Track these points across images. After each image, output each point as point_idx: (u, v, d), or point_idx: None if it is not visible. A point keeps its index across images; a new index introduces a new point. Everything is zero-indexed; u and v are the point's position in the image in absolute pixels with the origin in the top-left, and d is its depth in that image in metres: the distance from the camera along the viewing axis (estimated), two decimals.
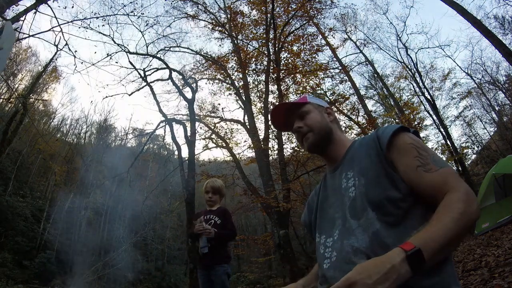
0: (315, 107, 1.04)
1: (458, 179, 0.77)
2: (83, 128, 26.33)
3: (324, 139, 0.99)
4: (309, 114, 1.01)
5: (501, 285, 2.13)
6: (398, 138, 0.84)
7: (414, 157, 0.81)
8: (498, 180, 6.10)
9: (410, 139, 0.84)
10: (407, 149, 0.82)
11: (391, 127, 0.87)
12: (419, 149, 0.82)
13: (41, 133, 18.17)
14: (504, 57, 7.25)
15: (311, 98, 1.08)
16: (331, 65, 11.82)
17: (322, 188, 1.02)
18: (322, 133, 0.99)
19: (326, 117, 1.03)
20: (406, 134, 0.85)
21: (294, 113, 1.03)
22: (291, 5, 10.35)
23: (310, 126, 0.99)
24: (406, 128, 0.88)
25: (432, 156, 0.82)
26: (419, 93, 14.22)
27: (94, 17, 7.84)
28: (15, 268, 13.92)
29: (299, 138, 1.02)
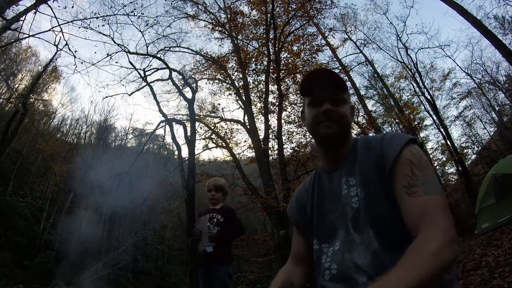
0: (349, 99, 0.94)
1: (441, 214, 0.67)
2: (83, 128, 26.32)
3: (342, 137, 0.89)
4: (345, 105, 0.89)
5: (501, 285, 2.13)
6: (401, 152, 0.77)
7: (405, 175, 0.74)
8: (498, 180, 6.11)
9: (410, 153, 0.77)
10: (402, 165, 0.75)
11: (398, 140, 0.79)
12: (414, 167, 0.74)
13: (41, 133, 18.17)
14: (504, 57, 7.26)
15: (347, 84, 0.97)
16: (331, 65, 11.84)
17: (317, 188, 0.94)
18: (344, 129, 0.89)
19: (351, 115, 0.94)
20: (410, 146, 0.78)
21: (333, 88, 0.89)
22: (291, 5, 10.35)
23: (341, 117, 0.87)
24: (413, 139, 0.80)
25: (426, 178, 0.73)
26: (419, 93, 14.23)
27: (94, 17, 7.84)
28: (15, 268, 13.91)
29: (321, 119, 0.88)
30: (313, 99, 0.91)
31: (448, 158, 12.91)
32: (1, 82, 18.06)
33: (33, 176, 20.09)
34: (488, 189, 6.25)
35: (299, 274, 0.97)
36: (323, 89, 0.89)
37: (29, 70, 21.56)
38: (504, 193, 5.98)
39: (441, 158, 13.86)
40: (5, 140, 9.32)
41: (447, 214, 0.69)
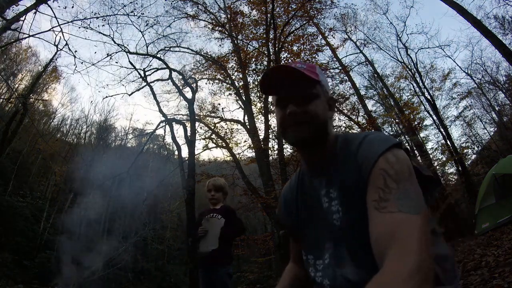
0: (322, 92, 0.80)
1: (416, 238, 0.52)
2: (83, 128, 26.33)
3: (318, 138, 0.77)
4: (316, 100, 0.77)
5: (501, 285, 2.13)
6: (377, 161, 0.66)
7: (377, 188, 0.62)
8: (498, 180, 6.10)
9: (386, 162, 0.65)
10: (375, 176, 0.64)
11: (376, 147, 0.68)
12: (388, 178, 0.62)
13: (41, 133, 18.17)
14: (504, 57, 7.26)
15: (322, 75, 0.83)
16: (331, 65, 11.85)
17: (301, 193, 0.87)
18: (319, 130, 0.77)
19: (327, 111, 0.80)
20: (389, 153, 0.66)
21: (298, 86, 0.77)
22: (291, 5, 10.36)
23: (312, 116, 0.76)
24: (397, 144, 0.68)
25: (403, 192, 0.60)
26: (419, 93, 14.22)
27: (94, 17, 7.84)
28: (15, 268, 13.91)
29: (288, 124, 0.77)
30: (278, 98, 0.80)
31: (448, 158, 12.89)
32: (1, 82, 18.06)
33: (33, 176, 20.09)
34: (488, 189, 6.25)
35: (305, 275, 0.87)
36: (285, 87, 0.78)
37: (29, 70, 21.57)
38: (504, 193, 5.98)
39: (441, 158, 13.84)
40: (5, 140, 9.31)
41: (425, 240, 0.52)
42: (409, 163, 0.67)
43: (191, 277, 8.02)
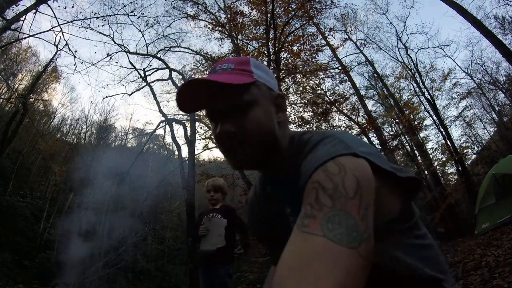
0: (262, 93, 0.65)
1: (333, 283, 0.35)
2: (83, 128, 26.32)
3: (264, 154, 0.63)
4: (252, 109, 0.62)
5: (501, 285, 2.13)
6: (316, 171, 0.50)
7: (306, 204, 0.47)
8: (498, 180, 6.10)
9: (324, 173, 0.48)
10: (308, 190, 0.49)
11: (321, 154, 0.52)
12: (321, 192, 0.46)
13: (41, 133, 18.17)
14: (504, 57, 7.26)
15: (259, 69, 0.68)
16: (331, 65, 11.84)
17: (264, 205, 0.74)
18: (263, 146, 0.62)
19: (273, 114, 0.65)
20: (331, 163, 0.49)
21: (224, 96, 0.62)
22: (291, 5, 10.36)
23: (249, 133, 0.61)
24: (350, 153, 0.51)
25: (336, 213, 0.43)
26: (419, 93, 14.22)
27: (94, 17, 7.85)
28: (15, 268, 13.92)
29: (222, 145, 0.64)
30: (207, 114, 0.67)
31: (448, 158, 12.90)
32: (1, 82, 18.06)
33: (33, 176, 20.10)
34: (488, 189, 6.25)
35: None
36: (209, 100, 0.64)
37: (29, 70, 21.58)
38: (504, 193, 5.98)
39: (441, 158, 13.85)
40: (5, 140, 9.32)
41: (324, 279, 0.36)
42: (363, 177, 0.47)
43: (191, 277, 8.02)
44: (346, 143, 0.53)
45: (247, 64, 0.67)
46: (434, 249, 0.62)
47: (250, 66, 0.67)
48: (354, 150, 0.51)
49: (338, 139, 0.55)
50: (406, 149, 15.47)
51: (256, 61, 0.70)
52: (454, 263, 3.76)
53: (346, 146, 0.52)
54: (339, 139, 0.55)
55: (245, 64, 0.67)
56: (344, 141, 0.54)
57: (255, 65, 0.69)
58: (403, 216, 0.58)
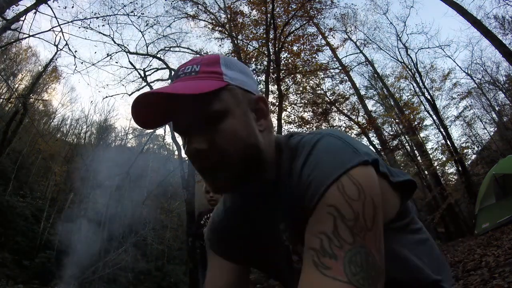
0: (236, 99, 0.54)
1: None
2: (83, 128, 26.35)
3: (247, 172, 0.53)
4: (225, 121, 0.51)
5: (501, 285, 2.13)
6: (329, 189, 0.44)
7: (321, 233, 0.42)
8: (498, 180, 6.10)
9: (341, 195, 0.43)
10: (322, 214, 0.43)
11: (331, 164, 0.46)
12: (341, 223, 0.42)
13: (41, 133, 18.17)
14: (504, 57, 7.26)
15: (230, 69, 0.56)
16: (331, 65, 11.85)
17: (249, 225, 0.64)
18: (244, 164, 0.52)
19: (253, 123, 0.55)
20: (346, 179, 0.44)
21: (192, 108, 0.52)
22: (291, 5, 10.35)
23: (224, 151, 0.51)
24: (364, 161, 0.46)
25: (359, 252, 0.41)
26: (419, 93, 14.22)
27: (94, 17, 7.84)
28: (15, 268, 13.92)
29: (197, 166, 0.54)
30: (174, 129, 0.57)
31: (448, 158, 12.90)
32: (1, 82, 18.07)
33: (33, 176, 20.10)
34: (488, 189, 6.25)
35: None
36: (169, 115, 0.55)
37: (29, 70, 21.60)
38: (504, 193, 5.98)
39: (441, 158, 13.86)
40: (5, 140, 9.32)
41: None
42: (378, 198, 0.45)
43: (191, 277, 8.02)
44: (351, 145, 0.48)
45: (216, 63, 0.55)
46: (430, 243, 0.62)
47: (219, 66, 0.55)
48: (363, 156, 0.47)
49: (338, 139, 0.50)
50: (406, 149, 15.48)
51: (229, 59, 0.58)
52: (454, 263, 3.76)
53: (353, 151, 0.47)
54: (339, 138, 0.50)
55: (213, 64, 0.55)
56: (346, 141, 0.49)
57: (227, 63, 0.56)
58: (401, 214, 0.57)
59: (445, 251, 6.41)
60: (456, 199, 11.86)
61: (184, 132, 0.54)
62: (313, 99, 11.75)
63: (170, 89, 0.49)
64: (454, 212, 12.00)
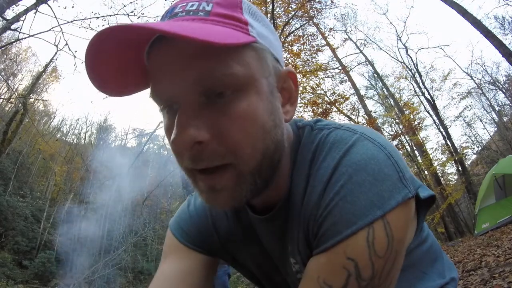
0: (264, 66, 0.37)
1: None
2: (83, 128, 26.37)
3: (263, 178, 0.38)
4: (246, 97, 0.35)
5: (501, 285, 2.13)
6: (352, 237, 0.34)
7: (323, 283, 0.35)
8: (498, 180, 6.10)
9: (366, 251, 0.33)
10: (333, 265, 0.35)
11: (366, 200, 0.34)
12: (353, 280, 0.34)
13: (41, 133, 18.17)
14: (504, 57, 7.25)
15: (257, 20, 0.39)
16: (331, 65, 11.87)
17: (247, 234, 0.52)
18: (261, 165, 0.36)
19: (279, 108, 0.39)
20: (379, 226, 0.34)
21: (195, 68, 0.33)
22: (291, 5, 10.36)
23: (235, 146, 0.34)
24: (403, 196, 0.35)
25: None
26: (419, 93, 14.23)
27: (94, 17, 7.82)
28: (15, 268, 13.92)
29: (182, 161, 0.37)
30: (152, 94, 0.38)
31: (448, 158, 12.91)
32: (1, 82, 18.08)
33: (33, 176, 20.11)
34: (488, 189, 6.25)
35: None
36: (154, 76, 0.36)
37: (29, 70, 21.62)
38: (504, 193, 5.99)
39: (441, 158, 13.86)
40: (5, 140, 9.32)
41: None
42: (405, 242, 0.37)
43: None
44: (397, 166, 0.36)
45: (237, 7, 0.37)
46: (434, 248, 0.56)
47: (242, 11, 0.37)
48: (408, 187, 0.35)
49: (381, 150, 0.37)
50: (406, 149, 15.47)
51: (253, 6, 0.40)
52: (454, 263, 3.76)
53: (398, 178, 0.35)
54: (382, 148, 0.37)
55: (233, 6, 0.37)
56: (392, 157, 0.37)
57: (252, 11, 0.38)
58: (417, 230, 0.48)
59: (445, 251, 6.40)
60: (456, 199, 11.85)
61: (169, 104, 0.36)
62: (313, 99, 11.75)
63: (166, 27, 0.29)
64: (454, 212, 11.99)
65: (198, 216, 0.57)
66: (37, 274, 14.44)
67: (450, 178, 17.60)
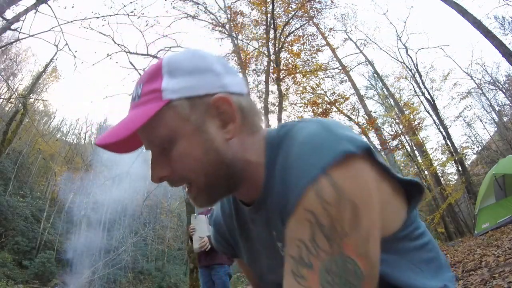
0: (183, 114, 0.46)
1: None
2: (83, 128, 26.38)
3: (218, 189, 0.50)
4: (175, 145, 0.47)
5: (501, 285, 2.13)
6: (305, 192, 0.40)
7: (299, 240, 0.40)
8: (498, 180, 6.11)
9: (317, 199, 0.39)
10: (300, 220, 0.41)
11: (308, 164, 0.41)
12: (317, 230, 0.39)
13: (41, 133, 18.17)
14: (504, 57, 7.25)
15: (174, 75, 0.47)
16: (331, 65, 11.87)
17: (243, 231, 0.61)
18: (210, 182, 0.48)
19: (217, 133, 0.48)
20: (325, 180, 0.39)
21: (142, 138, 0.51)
22: (291, 5, 10.36)
23: (185, 177, 0.49)
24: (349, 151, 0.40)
25: (335, 261, 0.39)
26: (419, 93, 14.23)
27: (94, 17, 7.82)
28: (15, 268, 13.93)
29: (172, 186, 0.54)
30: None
31: (448, 158, 12.91)
32: (1, 82, 18.08)
33: (33, 176, 20.12)
34: (488, 189, 6.25)
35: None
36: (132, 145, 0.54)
37: (29, 70, 21.66)
38: (504, 193, 5.99)
39: (441, 158, 13.87)
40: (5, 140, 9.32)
41: None
42: (362, 198, 0.40)
43: (191, 277, 8.02)
44: (335, 134, 0.42)
45: (158, 75, 0.48)
46: (430, 246, 0.56)
47: (161, 77, 0.47)
48: (347, 145, 0.40)
49: (322, 127, 0.44)
50: (406, 149, 15.48)
51: (174, 60, 0.49)
52: (454, 263, 3.76)
53: (335, 140, 0.41)
54: (323, 126, 0.44)
55: (154, 77, 0.48)
56: (330, 129, 0.43)
57: (171, 69, 0.48)
58: (406, 222, 0.51)
59: (445, 251, 6.41)
60: (456, 199, 11.86)
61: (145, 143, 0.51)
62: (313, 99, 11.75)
63: (100, 140, 0.46)
64: (454, 212, 12.00)
65: (217, 222, 0.70)
66: (37, 274, 14.44)
67: (450, 178, 17.62)
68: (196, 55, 0.50)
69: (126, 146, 0.54)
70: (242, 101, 0.50)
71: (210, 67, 0.49)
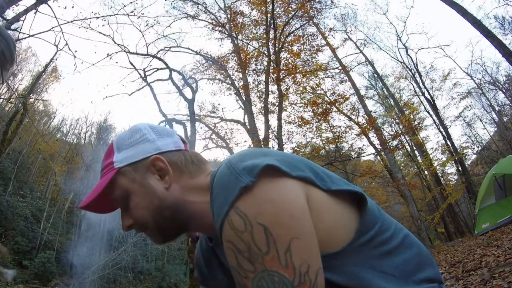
0: (130, 177, 0.60)
1: None
2: (83, 128, 26.38)
3: (169, 230, 0.61)
4: (130, 200, 0.60)
5: (501, 285, 2.13)
6: (223, 227, 0.47)
7: (232, 268, 0.48)
8: (498, 181, 6.10)
9: (232, 232, 0.45)
10: (227, 252, 0.47)
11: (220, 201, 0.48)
12: (239, 256, 0.45)
13: (41, 133, 18.17)
14: (504, 57, 7.25)
15: (121, 149, 0.62)
16: (331, 65, 11.89)
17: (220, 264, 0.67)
18: (160, 226, 0.59)
19: (157, 186, 0.59)
20: (232, 213, 0.46)
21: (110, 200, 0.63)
22: (291, 5, 10.37)
23: (144, 224, 0.60)
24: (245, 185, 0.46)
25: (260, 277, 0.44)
26: (419, 93, 14.24)
27: (94, 17, 7.81)
28: (15, 268, 13.92)
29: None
30: None
31: (448, 158, 12.92)
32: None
33: (33, 176, 20.11)
34: (488, 189, 6.25)
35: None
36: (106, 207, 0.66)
37: (29, 70, 21.63)
38: (504, 193, 5.99)
39: (441, 158, 13.87)
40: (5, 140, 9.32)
41: None
42: (271, 218, 0.45)
43: (191, 277, 8.01)
44: (235, 171, 0.48)
45: (111, 152, 0.63)
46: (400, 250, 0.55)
47: (113, 153, 0.62)
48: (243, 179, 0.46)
49: (227, 166, 0.50)
50: (406, 149, 15.48)
51: (121, 138, 0.64)
52: (454, 263, 3.76)
53: (235, 178, 0.47)
54: (229, 165, 0.50)
55: (109, 154, 0.63)
56: (232, 167, 0.49)
57: (119, 145, 0.63)
58: (361, 231, 0.52)
59: (445, 251, 6.41)
60: (456, 199, 11.86)
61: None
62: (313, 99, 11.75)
63: (81, 204, 0.61)
64: (454, 212, 12.00)
65: (197, 263, 0.76)
66: (37, 274, 14.44)
67: (450, 178, 17.62)
68: (135, 131, 0.64)
69: (108, 207, 0.66)
70: (173, 156, 0.62)
71: (145, 138, 0.63)
